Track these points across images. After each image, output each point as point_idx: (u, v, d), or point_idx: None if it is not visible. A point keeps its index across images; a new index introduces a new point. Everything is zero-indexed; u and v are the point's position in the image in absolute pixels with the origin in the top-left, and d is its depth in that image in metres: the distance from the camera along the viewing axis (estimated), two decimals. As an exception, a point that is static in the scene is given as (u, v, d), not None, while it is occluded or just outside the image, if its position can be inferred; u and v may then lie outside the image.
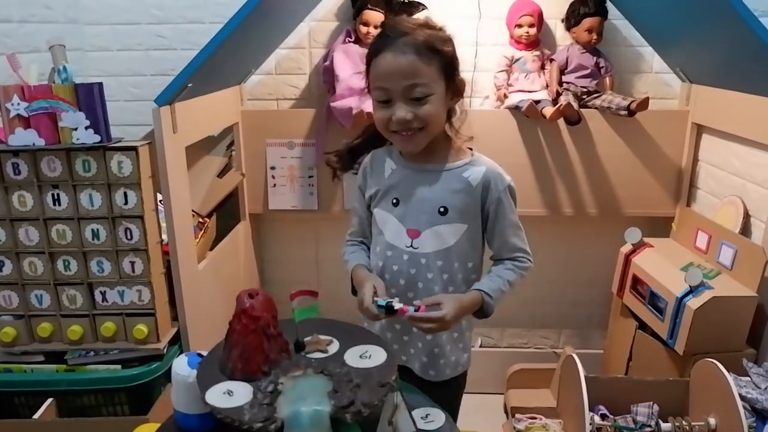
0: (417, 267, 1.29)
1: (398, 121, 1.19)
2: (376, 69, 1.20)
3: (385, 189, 1.32)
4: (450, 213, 1.27)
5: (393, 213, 1.30)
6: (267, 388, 0.82)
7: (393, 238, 1.30)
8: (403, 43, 1.16)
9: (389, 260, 1.31)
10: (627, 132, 2.10)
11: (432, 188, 1.28)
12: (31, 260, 1.61)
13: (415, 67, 1.16)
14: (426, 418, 1.02)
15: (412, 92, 1.17)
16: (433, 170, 1.29)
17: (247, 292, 0.89)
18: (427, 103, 1.19)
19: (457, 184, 1.27)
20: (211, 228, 2.07)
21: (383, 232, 1.32)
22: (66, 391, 1.62)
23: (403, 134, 1.22)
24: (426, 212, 1.27)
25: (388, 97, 1.19)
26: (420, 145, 1.24)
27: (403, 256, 1.29)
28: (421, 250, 1.28)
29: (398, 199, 1.30)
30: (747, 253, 1.66)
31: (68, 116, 1.51)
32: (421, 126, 1.20)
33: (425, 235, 1.27)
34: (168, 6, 2.20)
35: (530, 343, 2.53)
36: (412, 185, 1.29)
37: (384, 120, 1.22)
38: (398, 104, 1.18)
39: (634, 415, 1.51)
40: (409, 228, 1.28)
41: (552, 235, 2.36)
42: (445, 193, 1.27)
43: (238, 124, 2.17)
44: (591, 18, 2.03)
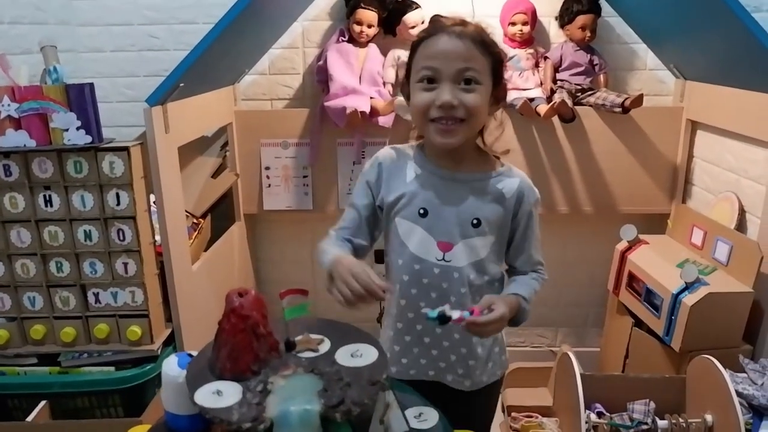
0: (449, 281, 1.21)
1: (443, 103, 1.11)
2: (426, 49, 1.13)
3: (409, 196, 1.22)
4: (483, 225, 1.20)
5: (420, 224, 1.21)
6: (256, 387, 0.81)
7: (421, 251, 1.22)
8: (461, 30, 1.12)
9: (417, 274, 1.22)
10: (622, 129, 2.09)
11: (464, 199, 1.20)
12: (24, 262, 1.61)
13: (471, 52, 1.11)
14: (419, 417, 1.00)
15: (464, 75, 1.11)
16: (465, 180, 1.21)
17: (236, 291, 0.88)
18: (476, 92, 1.12)
19: (490, 196, 1.21)
20: (205, 229, 2.06)
21: (407, 244, 1.23)
22: (59, 393, 1.61)
23: (443, 123, 1.13)
24: (458, 224, 1.20)
25: (435, 76, 1.12)
26: (458, 139, 1.15)
27: (434, 270, 1.21)
28: (455, 264, 1.21)
29: (426, 210, 1.21)
30: (742, 249, 1.65)
31: (59, 117, 1.51)
32: (464, 117, 1.13)
33: (458, 248, 1.20)
34: (161, 7, 2.19)
35: (527, 342, 2.53)
36: (442, 195, 1.21)
37: (425, 104, 1.13)
38: (445, 85, 1.11)
39: (631, 413, 1.50)
40: (441, 240, 1.21)
41: (548, 234, 2.32)
42: (479, 205, 1.20)
43: (232, 124, 2.16)
44: (584, 15, 2.02)
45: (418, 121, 1.19)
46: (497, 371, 1.35)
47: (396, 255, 1.26)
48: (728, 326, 1.62)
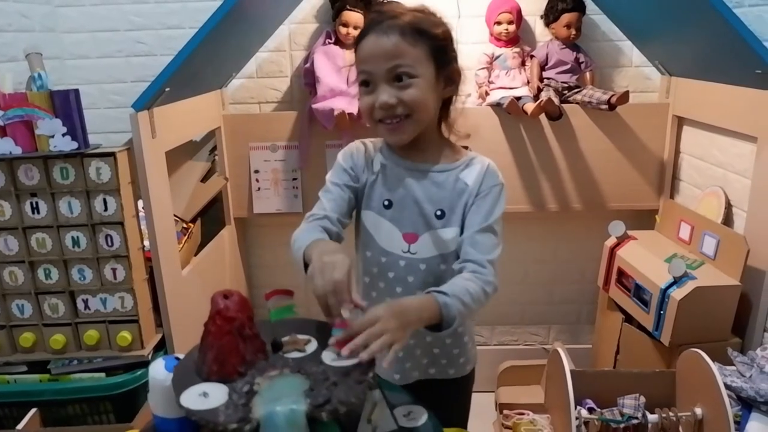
0: (415, 274, 1.20)
1: (381, 105, 1.10)
2: (360, 52, 1.13)
3: (375, 188, 1.22)
4: (447, 216, 1.18)
5: (385, 216, 1.21)
6: (243, 388, 0.81)
7: (387, 243, 1.21)
8: (387, 25, 1.10)
9: (384, 267, 1.21)
10: (609, 126, 2.10)
11: (427, 190, 1.19)
12: (11, 270, 1.60)
13: (397, 47, 1.08)
14: (408, 416, 1.01)
15: (395, 72, 1.09)
16: (428, 170, 1.20)
17: (221, 293, 0.88)
18: (412, 86, 1.10)
19: (453, 185, 1.19)
20: (195, 233, 2.06)
21: (374, 236, 1.22)
22: (50, 401, 1.61)
23: (389, 122, 1.13)
24: (422, 215, 1.19)
25: (369, 79, 1.12)
26: (407, 134, 1.15)
27: (400, 262, 1.20)
28: (420, 255, 1.19)
29: (390, 201, 1.20)
30: (729, 243, 1.66)
31: (44, 124, 1.51)
32: (407, 113, 1.11)
33: (423, 239, 1.19)
34: (147, 13, 2.19)
35: (520, 341, 2.54)
36: (405, 186, 1.20)
37: (368, 107, 1.13)
38: (381, 87, 1.10)
39: (621, 408, 1.51)
40: (406, 232, 1.19)
41: (538, 232, 2.37)
42: (442, 195, 1.19)
43: (221, 128, 2.16)
44: (569, 13, 2.04)
45: (368, 122, 1.18)
46: (467, 366, 1.33)
47: (364, 247, 1.24)
48: (717, 319, 1.63)
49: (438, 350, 1.29)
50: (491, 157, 2.12)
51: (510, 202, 2.12)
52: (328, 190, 1.23)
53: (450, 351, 1.30)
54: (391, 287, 1.22)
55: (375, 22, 1.12)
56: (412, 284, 1.20)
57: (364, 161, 1.24)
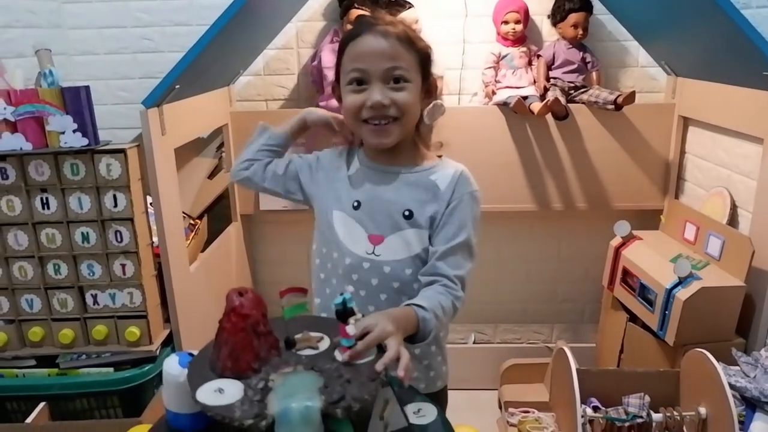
0: (380, 276, 1.17)
1: (374, 104, 1.10)
2: (353, 50, 1.12)
3: (345, 190, 1.22)
4: (416, 217, 1.16)
5: (353, 216, 1.20)
6: (257, 385, 0.82)
7: (352, 244, 1.19)
8: (384, 28, 1.11)
9: (348, 268, 1.19)
10: (614, 126, 2.11)
11: (397, 191, 1.18)
12: (21, 265, 1.61)
13: (397, 50, 1.10)
14: (418, 413, 1.01)
15: (392, 74, 1.10)
16: (398, 172, 1.19)
17: (236, 291, 0.89)
18: (405, 89, 1.11)
19: (423, 188, 1.18)
20: (202, 230, 2.07)
21: (340, 237, 1.21)
22: (58, 395, 1.61)
23: (376, 123, 1.13)
24: (390, 216, 1.17)
25: (364, 77, 1.11)
26: (392, 137, 1.14)
27: (363, 264, 1.17)
28: (384, 258, 1.17)
29: (359, 202, 1.20)
30: (734, 244, 1.67)
31: (55, 120, 1.51)
32: (397, 115, 1.12)
33: (389, 241, 1.17)
34: (153, 9, 2.20)
35: (523, 339, 2.55)
36: (375, 187, 1.19)
37: (356, 106, 1.12)
38: (375, 85, 1.10)
39: (626, 407, 1.52)
40: (372, 234, 1.18)
41: (542, 231, 2.37)
42: (411, 197, 1.17)
43: (228, 125, 2.17)
44: (576, 13, 2.04)
45: (351, 123, 1.17)
46: (437, 382, 1.29)
47: (330, 248, 1.24)
48: (721, 320, 1.63)
49: None
50: (497, 155, 2.15)
51: (515, 201, 2.16)
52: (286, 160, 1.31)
53: (419, 362, 1.25)
54: (356, 290, 1.20)
55: (370, 24, 1.13)
56: (376, 287, 1.18)
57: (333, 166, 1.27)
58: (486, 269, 2.42)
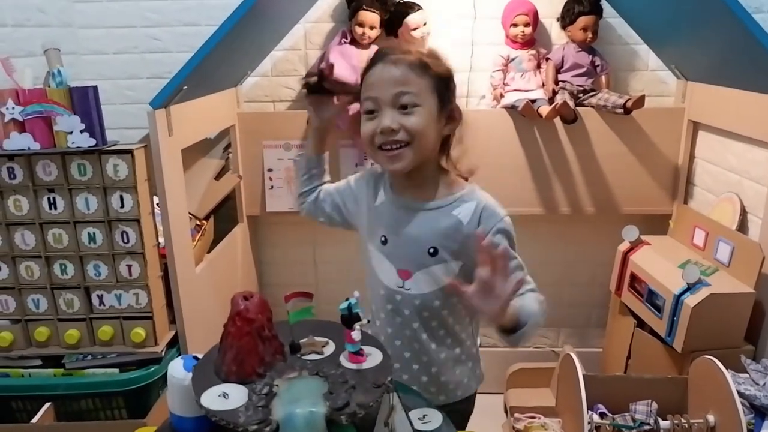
0: (410, 308, 1.22)
1: (383, 129, 1.12)
2: (367, 81, 1.16)
3: (374, 223, 1.26)
4: (441, 254, 1.18)
5: (382, 252, 1.24)
6: (262, 390, 0.82)
7: (385, 277, 1.24)
8: (396, 57, 1.14)
9: (382, 299, 1.25)
10: (623, 130, 2.10)
11: (419, 228, 1.20)
12: (28, 264, 1.61)
13: (405, 76, 1.12)
14: (423, 419, 1.01)
15: (400, 100, 1.12)
16: (419, 208, 1.21)
17: (241, 295, 0.89)
18: (414, 114, 1.12)
19: (446, 223, 1.18)
20: (208, 231, 2.07)
21: (375, 270, 1.26)
22: (63, 395, 1.61)
23: (388, 148, 1.14)
24: (415, 253, 1.20)
25: (375, 106, 1.14)
26: (406, 162, 1.14)
27: (396, 297, 1.23)
28: (414, 291, 1.21)
29: (386, 237, 1.23)
30: (744, 250, 1.66)
31: (63, 120, 1.51)
32: (407, 140, 1.13)
33: (417, 277, 1.20)
34: (163, 9, 2.20)
35: (529, 343, 2.53)
36: (399, 223, 1.21)
37: (370, 133, 1.15)
38: (385, 112, 1.13)
39: (633, 413, 1.51)
40: (400, 268, 1.22)
41: (550, 234, 2.36)
42: (434, 234, 1.18)
43: (235, 126, 2.17)
44: (586, 16, 2.03)
45: (369, 152, 1.19)
46: (473, 386, 1.33)
47: (369, 279, 1.30)
48: (730, 327, 1.62)
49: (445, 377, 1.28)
50: (505, 159, 2.14)
51: (522, 205, 2.15)
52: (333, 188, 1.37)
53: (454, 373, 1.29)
54: (391, 318, 1.25)
55: (384, 54, 1.16)
56: (409, 317, 1.23)
57: (368, 190, 1.30)
58: (492, 272, 2.41)
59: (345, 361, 0.90)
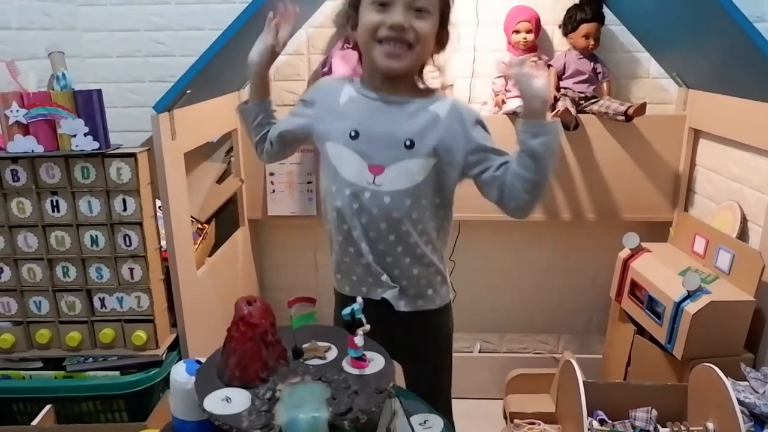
0: (380, 206, 1.21)
1: (394, 24, 1.14)
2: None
3: (341, 119, 1.24)
4: (417, 146, 1.19)
5: (351, 147, 1.21)
6: (265, 395, 0.82)
7: (352, 175, 1.22)
8: None
9: (348, 199, 1.22)
10: (625, 137, 2.10)
11: (397, 120, 1.20)
12: (30, 266, 1.61)
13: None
14: (424, 424, 1.02)
15: (416, 3, 1.14)
16: (398, 102, 1.22)
17: (245, 300, 0.90)
18: (426, 19, 1.16)
19: (423, 116, 1.21)
20: (210, 234, 2.07)
21: (338, 168, 1.23)
22: (64, 397, 1.61)
23: (391, 45, 1.16)
24: (391, 146, 1.19)
25: (389, 2, 1.15)
26: (403, 64, 1.18)
27: (365, 194, 1.21)
28: (385, 188, 1.20)
29: (357, 132, 1.21)
30: (744, 258, 1.66)
31: (67, 123, 1.52)
32: (413, 42, 1.16)
33: (390, 171, 1.19)
34: (167, 13, 2.21)
35: (529, 349, 2.54)
36: (374, 116, 1.21)
37: (375, 24, 1.15)
38: (398, 7, 1.14)
39: (633, 420, 1.51)
40: (372, 164, 1.20)
41: (550, 241, 2.37)
42: (412, 126, 1.20)
43: (237, 130, 2.18)
44: (588, 24, 2.04)
45: (366, 41, 1.19)
46: (436, 300, 1.34)
47: (330, 182, 1.26)
48: (730, 334, 1.63)
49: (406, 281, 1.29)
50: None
51: (524, 211, 2.15)
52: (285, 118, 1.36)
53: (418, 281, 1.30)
54: (356, 220, 1.23)
55: None
56: (377, 216, 1.21)
57: (329, 95, 1.29)
58: (493, 278, 2.42)
59: (347, 366, 0.90)
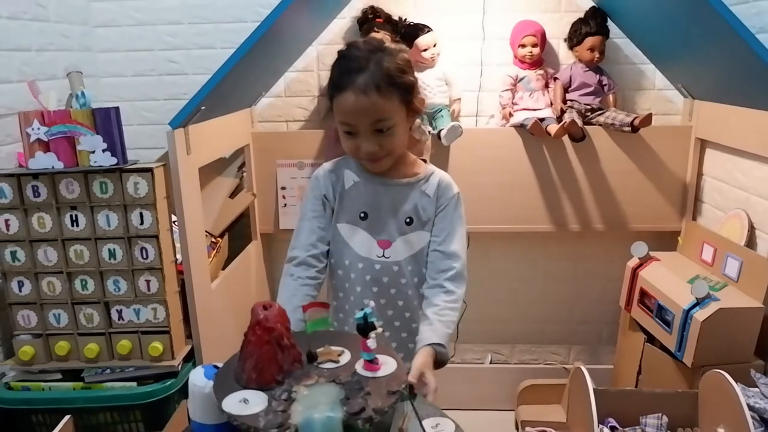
0: (389, 274, 1.37)
1: (366, 153, 1.27)
2: (339, 105, 1.25)
3: (350, 202, 1.37)
4: (415, 222, 1.36)
5: (361, 226, 1.37)
6: (281, 396, 0.85)
7: (363, 250, 1.37)
8: (363, 82, 1.20)
9: (361, 271, 1.38)
10: (631, 148, 2.13)
11: (397, 201, 1.36)
12: (50, 280, 1.65)
13: (377, 105, 1.21)
14: (436, 428, 1.03)
15: (377, 126, 1.24)
16: (395, 184, 1.36)
17: (261, 304, 0.92)
18: (391, 135, 1.26)
19: (418, 197, 1.36)
20: (223, 248, 2.11)
21: (351, 245, 1.38)
22: (83, 408, 1.65)
23: (369, 161, 1.31)
24: (395, 224, 1.36)
25: (353, 130, 1.26)
26: (385, 166, 1.33)
27: (375, 266, 1.37)
28: (393, 259, 1.37)
29: (366, 213, 1.36)
30: (753, 265, 1.67)
31: (86, 140, 1.57)
32: (386, 154, 1.29)
33: (396, 245, 1.36)
34: (180, 33, 2.27)
35: (540, 360, 2.54)
36: (378, 199, 1.36)
37: (353, 150, 1.29)
38: (364, 138, 1.25)
39: (644, 427, 1.52)
40: (380, 239, 1.36)
41: (559, 251, 2.38)
42: (410, 206, 1.36)
43: (249, 145, 2.22)
44: (593, 37, 2.07)
45: (351, 156, 1.34)
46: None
47: (340, 257, 1.40)
48: (739, 341, 1.63)
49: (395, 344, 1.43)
50: (514, 177, 2.18)
51: (532, 222, 2.18)
52: (310, 220, 1.39)
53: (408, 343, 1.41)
54: (368, 288, 1.38)
55: (350, 74, 1.22)
56: (387, 283, 1.38)
57: (331, 183, 1.39)
58: (503, 289, 2.43)
59: (360, 369, 0.92)
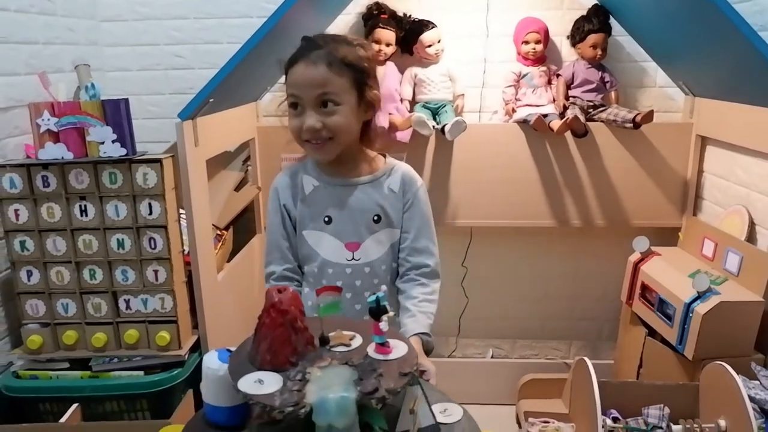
0: (362, 277, 1.33)
1: (308, 129, 1.22)
2: (291, 76, 1.24)
3: (312, 208, 1.34)
4: (383, 220, 1.33)
5: (326, 231, 1.33)
6: (296, 376, 0.86)
7: (331, 255, 1.33)
8: (316, 55, 1.20)
9: (332, 276, 1.33)
10: (633, 144, 2.15)
11: (363, 201, 1.32)
12: (58, 269, 1.67)
13: (325, 78, 1.20)
14: (444, 413, 1.05)
15: (322, 99, 1.21)
16: (356, 183, 1.33)
17: (275, 288, 0.94)
18: (336, 113, 1.22)
19: (383, 193, 1.33)
20: (228, 240, 2.12)
21: (318, 251, 1.34)
22: (90, 397, 1.66)
23: (314, 143, 1.24)
24: (362, 224, 1.32)
25: (298, 102, 1.23)
26: (330, 154, 1.27)
27: (346, 270, 1.33)
28: (364, 260, 1.33)
29: (330, 217, 1.32)
30: (753, 260, 1.69)
31: (96, 131, 1.58)
32: (330, 136, 1.23)
33: (366, 245, 1.32)
34: (186, 28, 2.28)
35: (541, 355, 2.56)
36: (343, 201, 1.32)
37: (296, 128, 1.24)
38: (308, 113, 1.21)
39: (646, 417, 1.54)
40: (348, 242, 1.32)
41: (561, 247, 2.40)
42: (375, 203, 1.32)
43: (254, 139, 2.24)
44: (595, 34, 2.09)
45: (296, 140, 1.28)
46: None
47: (310, 261, 1.36)
48: (740, 335, 1.65)
49: None
50: (517, 172, 2.19)
51: (534, 217, 2.20)
52: (274, 233, 1.38)
53: None
54: (343, 293, 1.30)
55: (305, 50, 1.23)
56: (360, 287, 1.33)
57: (290, 192, 1.36)
58: (504, 285, 2.45)
59: (372, 352, 0.94)
